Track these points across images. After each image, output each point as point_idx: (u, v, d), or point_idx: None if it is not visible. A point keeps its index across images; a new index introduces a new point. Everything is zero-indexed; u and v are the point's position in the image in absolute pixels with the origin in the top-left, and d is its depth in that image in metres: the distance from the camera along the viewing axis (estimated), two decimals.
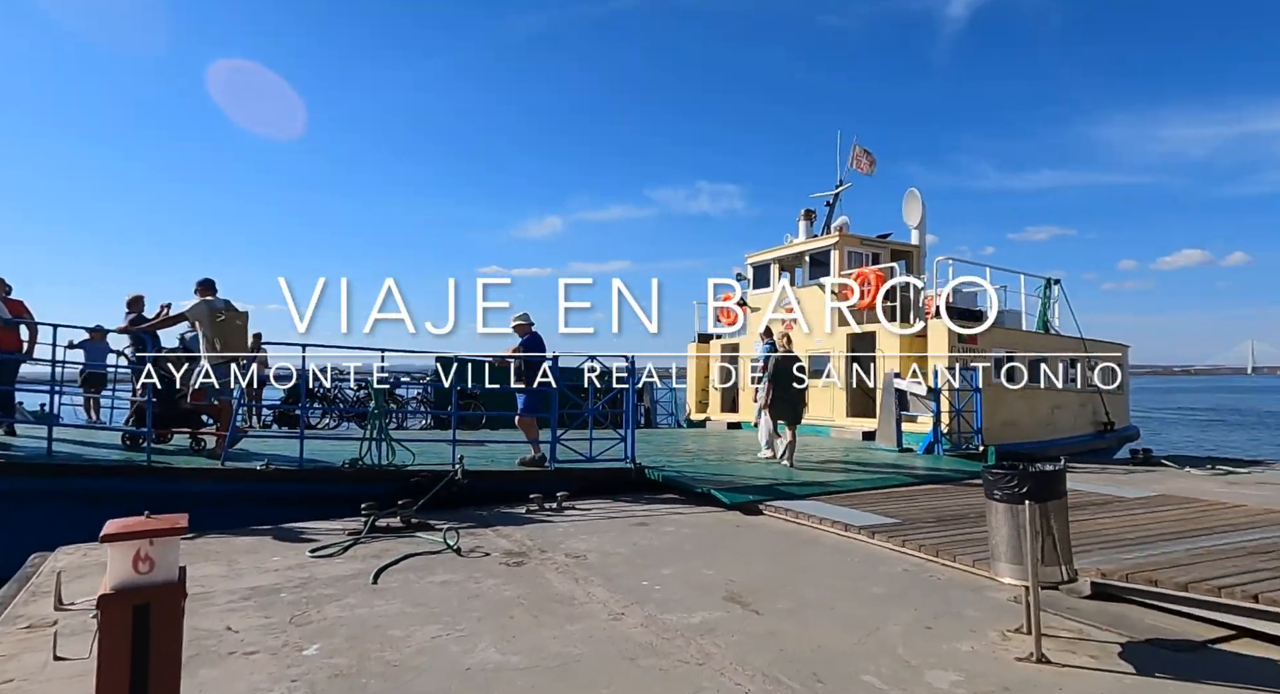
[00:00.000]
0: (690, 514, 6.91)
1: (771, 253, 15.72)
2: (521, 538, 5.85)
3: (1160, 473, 9.81)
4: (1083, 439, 13.19)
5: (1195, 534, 5.50)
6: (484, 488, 7.33)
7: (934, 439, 10.44)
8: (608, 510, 7.05)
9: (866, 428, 12.25)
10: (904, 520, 6.17)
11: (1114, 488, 8.01)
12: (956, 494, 7.51)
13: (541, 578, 4.73)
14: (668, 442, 12.19)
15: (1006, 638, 3.67)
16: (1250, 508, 6.76)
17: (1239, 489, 8.35)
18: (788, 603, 4.24)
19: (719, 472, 8.55)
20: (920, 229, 14.93)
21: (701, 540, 5.86)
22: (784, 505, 6.81)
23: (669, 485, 7.90)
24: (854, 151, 15.60)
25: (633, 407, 8.27)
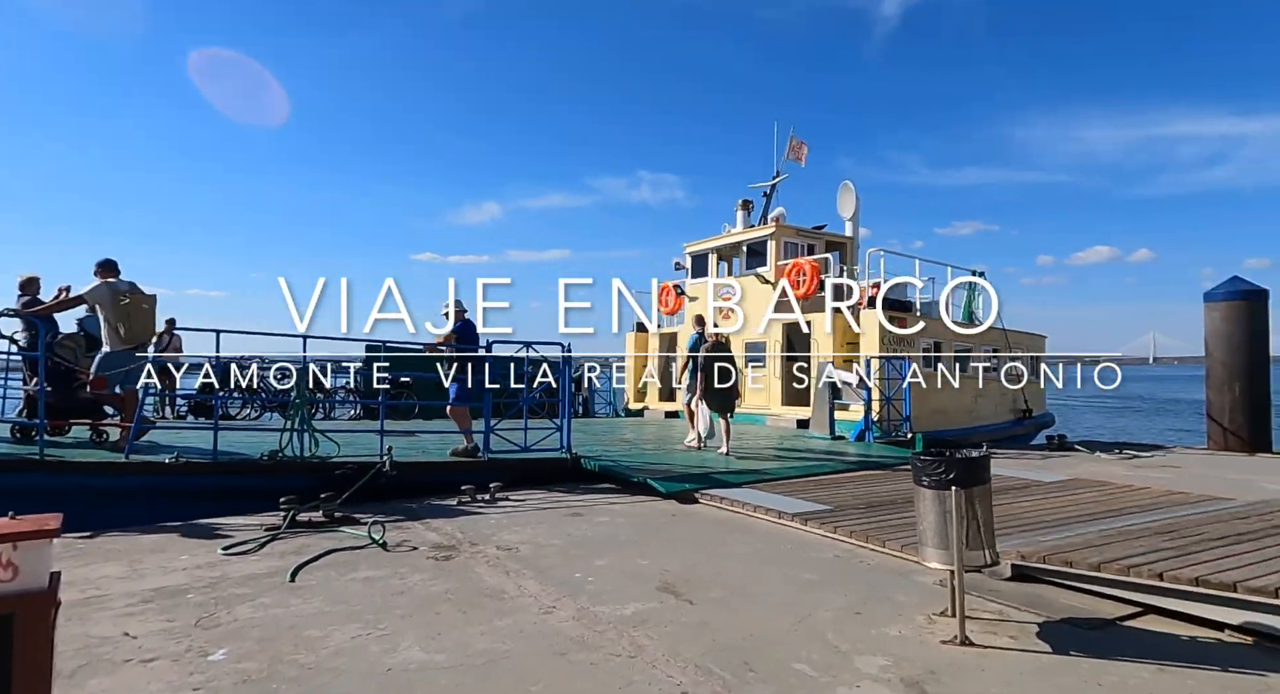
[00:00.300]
0: (626, 504, 6.86)
1: (709, 242, 15.79)
2: (452, 531, 5.67)
3: (1073, 458, 10.31)
4: (1003, 426, 13.76)
5: (1106, 516, 5.77)
6: (414, 480, 7.11)
7: (865, 427, 10.68)
8: (542, 501, 6.93)
9: (801, 416, 12.46)
10: (835, 507, 6.27)
11: (1032, 472, 8.35)
12: (886, 480, 7.69)
13: (471, 572, 4.59)
14: (605, 431, 12.12)
15: (932, 621, 3.74)
16: (1154, 490, 7.14)
17: (1144, 472, 8.84)
18: (721, 591, 4.22)
19: (656, 461, 8.52)
20: (854, 221, 15.23)
21: (637, 530, 5.81)
22: (719, 494, 6.83)
23: (605, 475, 7.83)
24: (790, 143, 15.78)
25: (569, 396, 8.15)
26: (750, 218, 15.80)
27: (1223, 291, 11.46)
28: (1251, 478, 8.40)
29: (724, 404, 9.23)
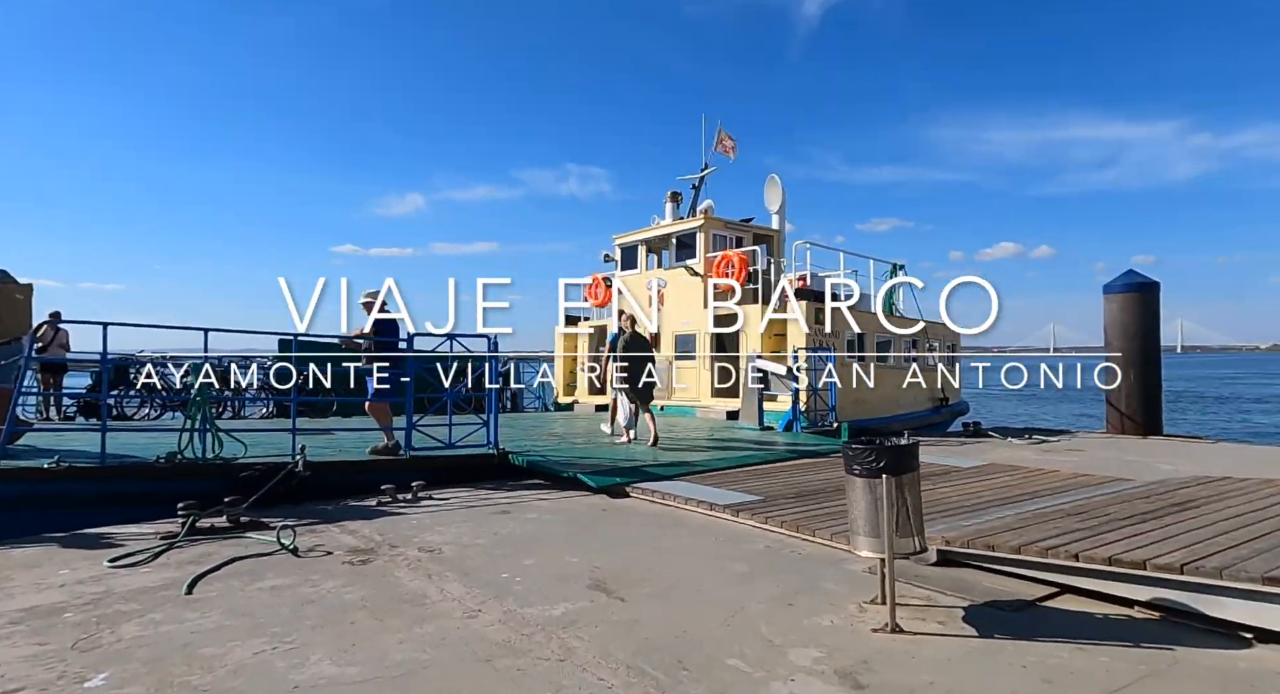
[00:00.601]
0: (555, 499, 6.69)
1: (639, 235, 15.70)
2: (370, 533, 5.37)
3: (987, 443, 10.74)
4: (922, 414, 14.25)
5: (1021, 499, 5.98)
6: (329, 480, 6.74)
7: (793, 417, 10.83)
8: (467, 499, 6.68)
9: (730, 408, 12.54)
10: (766, 497, 6.27)
11: (951, 458, 8.63)
12: (815, 469, 7.78)
13: (390, 576, 4.33)
14: (534, 425, 11.88)
15: (863, 610, 3.75)
16: (1062, 473, 7.48)
17: (1052, 456, 9.27)
18: (652, 587, 4.12)
19: (586, 455, 8.37)
20: (780, 214, 15.44)
21: (566, 527, 5.65)
22: (650, 487, 6.74)
23: (534, 471, 7.63)
24: (718, 135, 15.84)
25: (496, 390, 7.90)
26: (679, 210, 15.80)
27: (1120, 284, 12.15)
28: (1146, 459, 8.92)
29: (644, 397, 9.25)
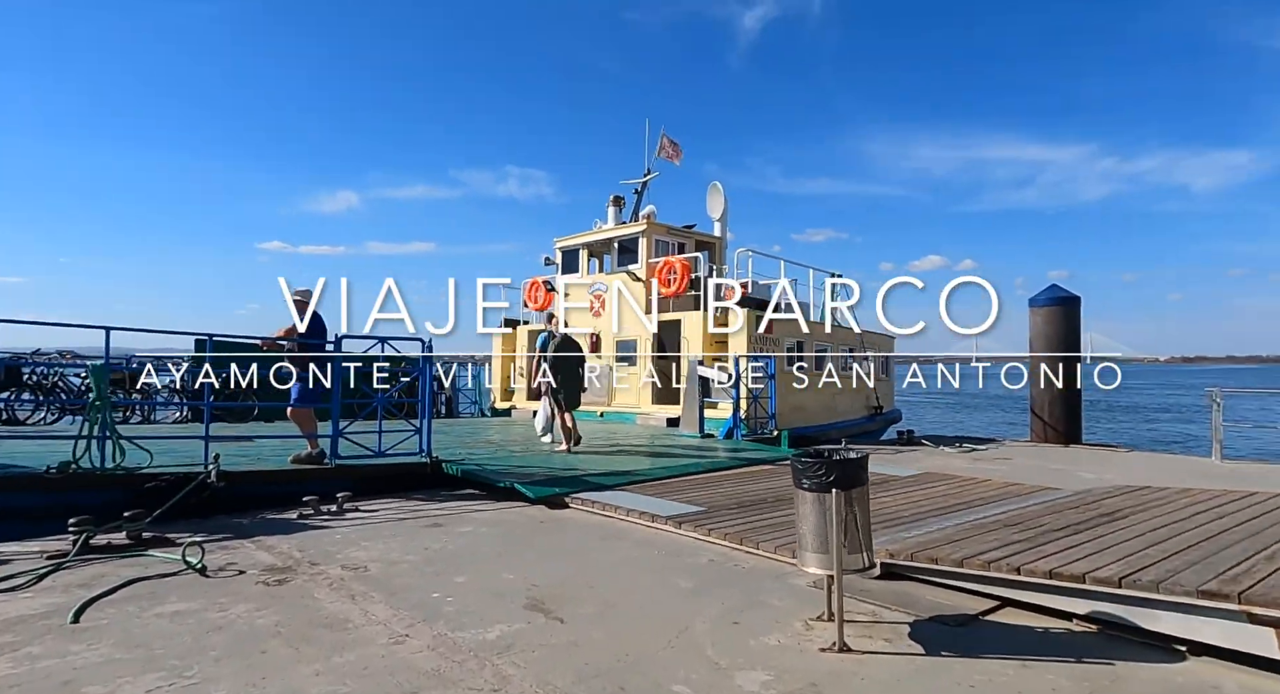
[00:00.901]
0: (492, 511, 6.42)
1: (580, 238, 15.50)
2: (289, 549, 5.00)
3: (921, 452, 10.96)
4: (858, 422, 14.49)
5: (958, 509, 6.05)
6: (246, 491, 6.30)
7: (733, 424, 10.81)
8: (398, 511, 6.34)
9: (671, 414, 12.45)
10: (709, 508, 6.17)
11: (888, 467, 8.73)
12: (756, 478, 7.74)
13: (309, 598, 4.01)
14: (470, 432, 11.51)
15: (810, 627, 3.65)
16: (994, 482, 7.65)
17: (982, 465, 9.52)
18: (593, 606, 3.94)
19: (524, 463, 8.11)
20: (722, 221, 15.49)
21: (503, 540, 5.40)
22: (590, 497, 6.55)
23: (469, 480, 7.33)
24: (661, 141, 15.80)
25: (429, 395, 7.56)
26: (621, 215, 15.68)
27: (1044, 298, 12.65)
28: (1070, 468, 9.25)
29: (568, 401, 9.19)
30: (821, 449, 3.75)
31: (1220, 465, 9.81)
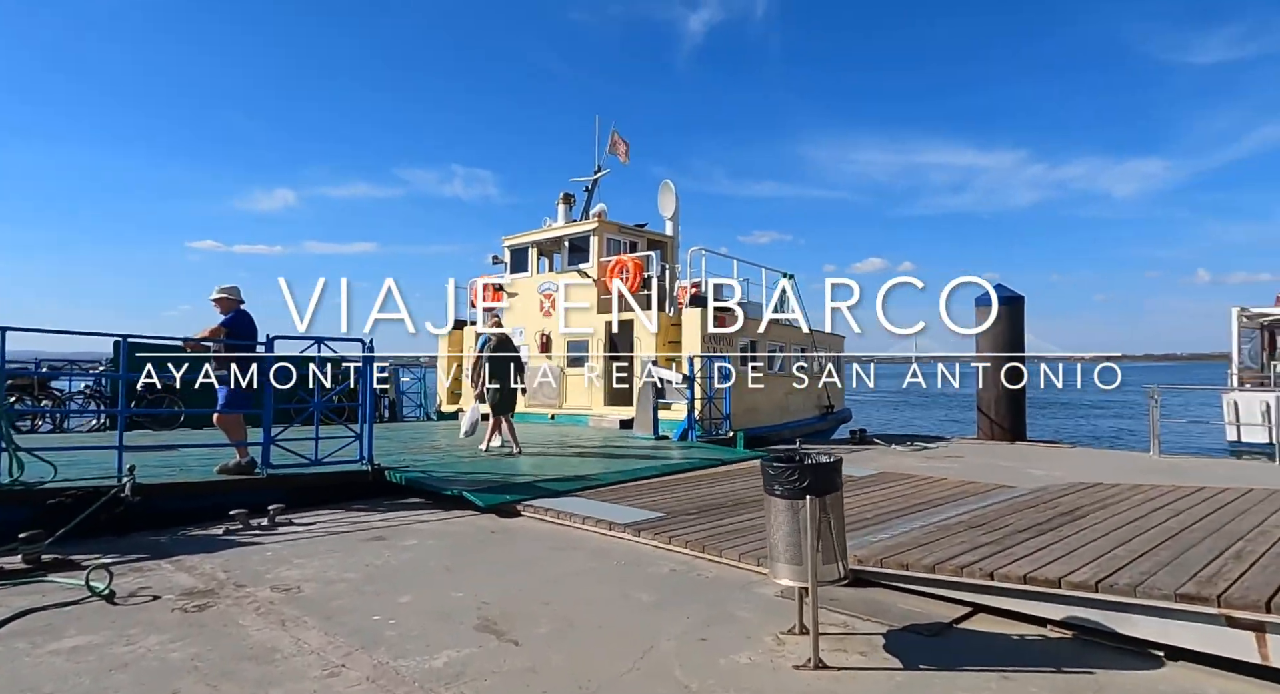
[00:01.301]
0: (438, 521, 6.06)
1: (530, 236, 15.13)
2: (212, 569, 4.57)
3: (874, 451, 10.99)
4: (810, 421, 14.51)
5: (920, 509, 5.97)
6: (167, 506, 5.80)
7: (688, 426, 10.63)
8: (336, 523, 5.92)
9: (624, 416, 12.21)
10: (667, 514, 5.94)
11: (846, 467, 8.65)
12: (714, 481, 7.55)
13: (233, 625, 3.62)
14: (414, 437, 11.03)
15: (782, 642, 3.45)
16: (950, 481, 7.64)
17: (935, 463, 9.56)
18: (550, 625, 3.66)
19: (473, 470, 7.74)
20: (674, 220, 15.33)
21: (451, 554, 5.06)
22: (544, 505, 6.25)
23: (414, 488, 6.94)
24: (612, 138, 15.55)
25: (370, 398, 7.13)
26: (572, 212, 15.36)
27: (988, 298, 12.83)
28: (1019, 465, 9.36)
29: (502, 404, 8.96)
30: (792, 452, 3.57)
31: (1159, 460, 10.10)
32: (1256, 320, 18.30)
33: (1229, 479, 7.80)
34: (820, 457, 3.48)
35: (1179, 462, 10.17)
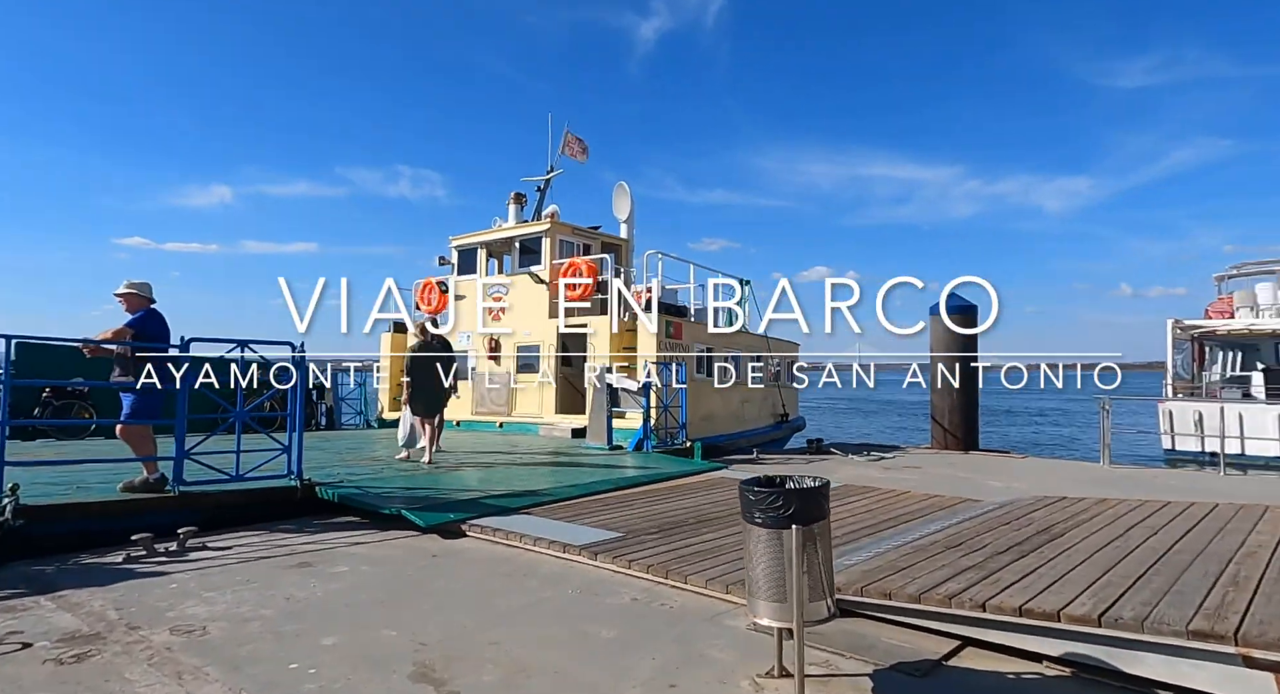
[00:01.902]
0: (374, 544, 5.51)
1: (479, 236, 14.55)
2: (102, 607, 3.95)
3: (832, 461, 10.79)
4: (765, 430, 14.30)
5: (889, 525, 5.70)
6: (59, 530, 5.11)
7: (643, 435, 10.24)
8: (257, 547, 5.31)
9: (576, 425, 11.76)
10: (626, 533, 5.52)
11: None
12: (673, 496, 7.17)
13: (117, 680, 3.05)
14: (352, 447, 10.34)
15: (760, 688, 3.07)
16: (914, 495, 7.43)
17: (895, 474, 9.39)
18: (499, 671, 3.20)
19: (414, 483, 7.18)
20: (629, 223, 14.96)
21: (386, 583, 4.53)
22: (491, 524, 5.76)
23: (347, 506, 6.35)
24: (565, 138, 15.10)
25: (301, 406, 6.51)
26: (523, 213, 14.83)
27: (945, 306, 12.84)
28: (976, 477, 9.26)
29: (428, 408, 8.61)
30: (773, 477, 3.20)
31: (1110, 470, 10.16)
32: (1189, 332, 18.96)
33: (1187, 492, 7.82)
34: (805, 480, 3.12)
35: (1129, 472, 10.26)
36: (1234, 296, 20.55)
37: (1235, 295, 20.51)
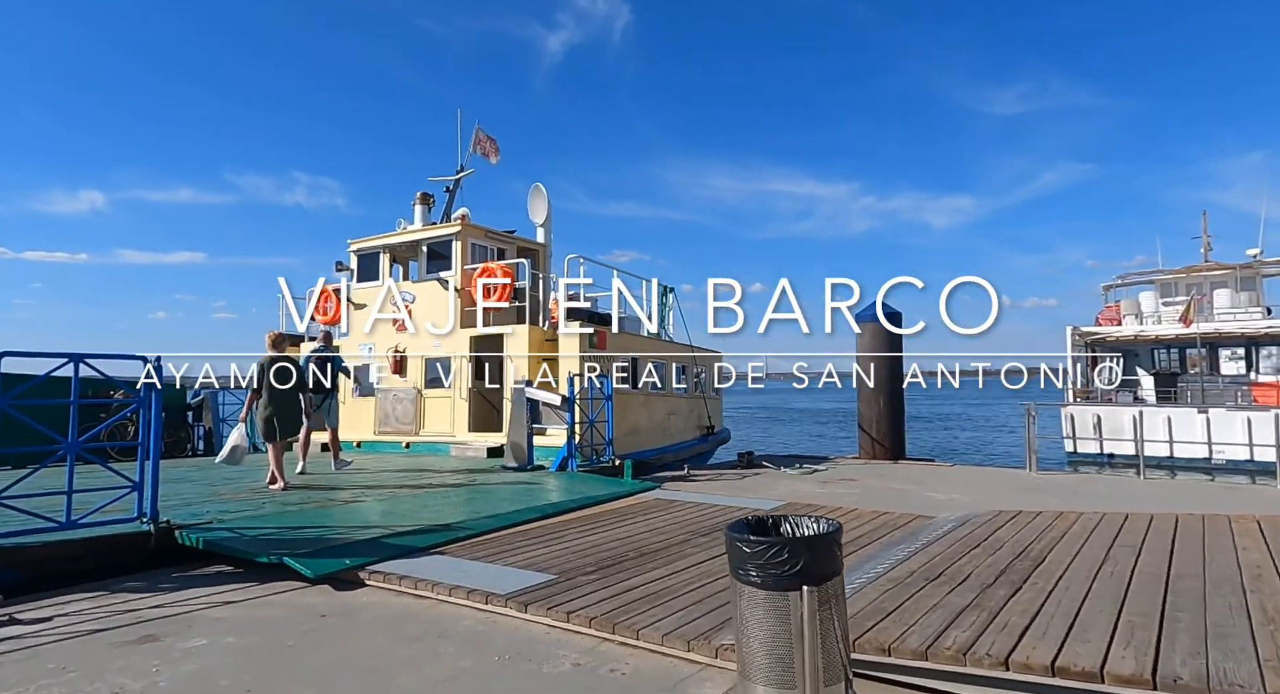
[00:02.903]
0: (247, 603, 4.46)
1: (381, 239, 13.33)
2: None
3: (766, 476, 10.29)
4: (692, 443, 13.72)
5: (848, 552, 5.15)
6: None
7: (568, 454, 9.41)
8: (88, 616, 4.17)
9: (492, 443, 10.79)
10: (559, 574, 4.72)
11: (745, 498, 7.83)
12: (608, 523, 6.39)
13: None
14: (230, 477, 8.96)
15: None
16: (862, 512, 6.97)
17: (833, 488, 8.97)
18: None
19: (303, 521, 6.09)
20: (546, 227, 14.12)
21: (256, 661, 3.55)
22: (397, 569, 4.82)
23: (216, 553, 5.23)
24: (476, 135, 14.13)
25: (156, 434, 5.34)
26: (431, 216, 13.72)
27: (870, 313, 12.68)
28: (915, 488, 8.96)
29: (267, 429, 7.70)
30: (765, 517, 2.52)
31: (1040, 477, 10.14)
32: (1085, 338, 19.87)
33: (1123, 498, 7.77)
34: (809, 522, 2.46)
35: (1056, 478, 10.26)
36: (1120, 305, 21.81)
37: (1122, 304, 21.76)
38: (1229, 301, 19.88)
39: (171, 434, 12.37)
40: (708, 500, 7.64)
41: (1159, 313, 20.69)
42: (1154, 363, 22.45)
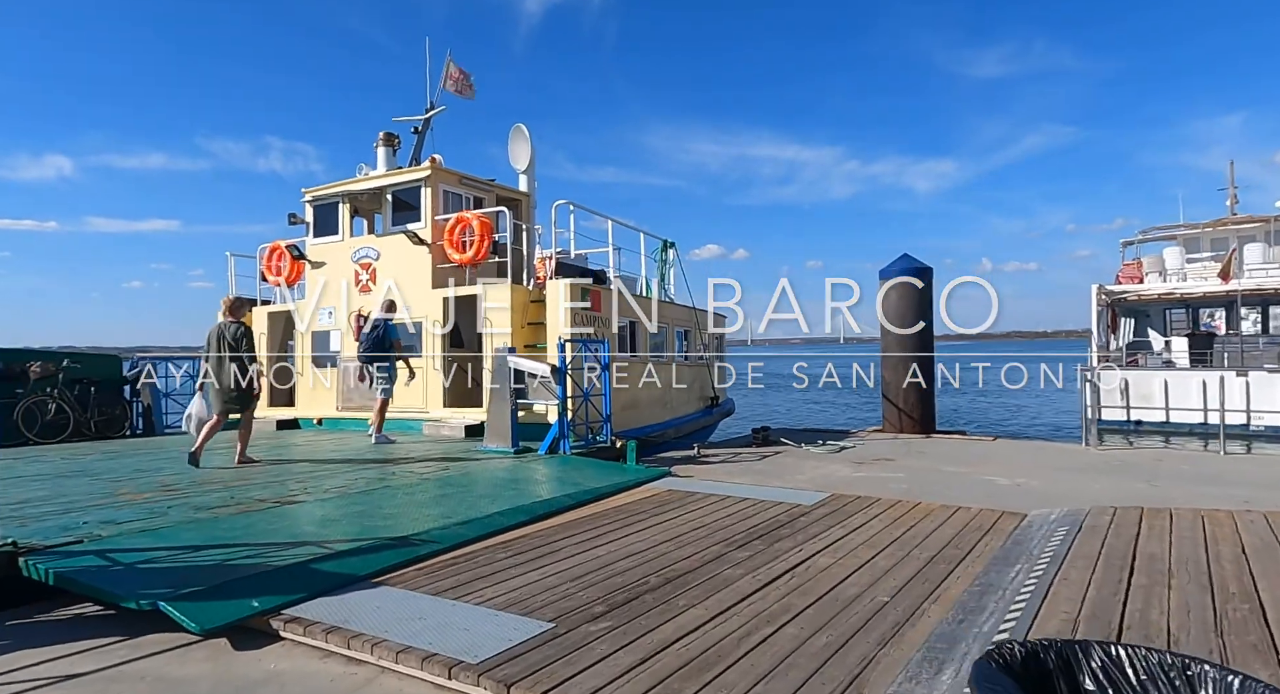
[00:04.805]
0: (100, 675, 3.02)
1: (339, 187, 11.64)
2: None
3: (787, 454, 8.94)
4: (695, 417, 12.35)
5: (941, 576, 3.79)
6: None
7: (559, 433, 7.98)
8: None
9: (471, 420, 9.35)
10: (557, 620, 3.31)
11: (777, 491, 6.45)
12: (613, 527, 4.99)
13: None
14: (142, 466, 7.40)
15: None
16: (929, 506, 5.63)
17: (872, 472, 7.63)
18: None
19: (212, 537, 4.61)
20: (529, 174, 12.46)
21: None
22: (326, 614, 3.39)
23: (72, 590, 3.76)
24: (447, 69, 12.35)
25: None
26: (396, 160, 11.99)
27: (897, 268, 11.30)
28: (968, 471, 7.64)
29: (224, 403, 7.16)
30: (1037, 649, 1.08)
31: (1105, 454, 8.89)
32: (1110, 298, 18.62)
33: (1236, 483, 6.51)
34: None
35: (1124, 455, 8.94)
36: (1143, 261, 20.53)
37: (1144, 260, 20.49)
38: (1261, 256, 18.64)
39: (105, 411, 10.80)
40: (731, 492, 6.26)
41: (1183, 270, 19.43)
42: (1167, 324, 21.33)
